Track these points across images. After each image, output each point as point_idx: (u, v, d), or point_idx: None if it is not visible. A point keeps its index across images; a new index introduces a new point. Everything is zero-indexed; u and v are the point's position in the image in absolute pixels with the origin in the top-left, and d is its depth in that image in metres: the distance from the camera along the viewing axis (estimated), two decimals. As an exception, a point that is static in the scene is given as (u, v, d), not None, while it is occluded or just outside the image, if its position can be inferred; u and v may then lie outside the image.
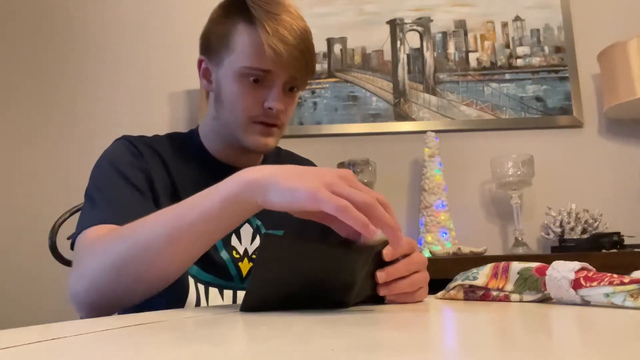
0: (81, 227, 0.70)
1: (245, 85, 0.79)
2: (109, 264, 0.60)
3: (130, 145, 0.82)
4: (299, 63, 0.78)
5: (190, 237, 0.58)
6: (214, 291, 0.81)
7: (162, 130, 0.94)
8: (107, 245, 0.63)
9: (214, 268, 0.81)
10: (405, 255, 0.62)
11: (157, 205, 0.78)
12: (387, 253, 0.59)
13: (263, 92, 0.80)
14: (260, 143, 0.82)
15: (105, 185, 0.76)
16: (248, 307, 0.53)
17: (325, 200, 0.49)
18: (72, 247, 0.72)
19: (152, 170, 0.80)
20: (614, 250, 1.45)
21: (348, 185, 0.52)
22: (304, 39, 0.79)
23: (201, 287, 0.80)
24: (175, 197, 0.81)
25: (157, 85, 1.91)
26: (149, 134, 0.91)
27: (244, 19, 0.78)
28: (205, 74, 0.86)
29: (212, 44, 0.83)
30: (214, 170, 0.88)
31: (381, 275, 0.59)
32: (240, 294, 0.83)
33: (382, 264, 0.59)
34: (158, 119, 1.89)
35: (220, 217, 0.57)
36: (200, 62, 0.87)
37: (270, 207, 0.54)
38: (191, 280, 0.79)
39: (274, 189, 0.53)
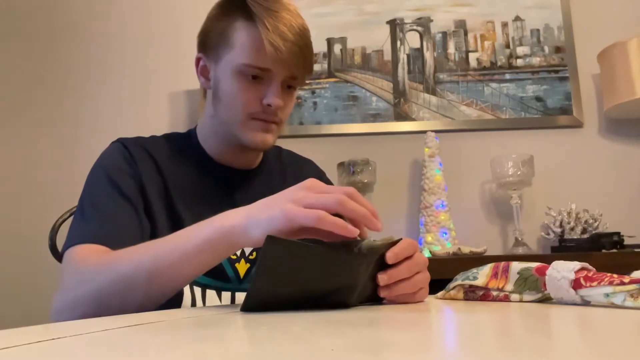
0: (70, 241, 0.71)
1: (244, 82, 0.79)
2: (91, 295, 0.62)
3: (124, 150, 0.81)
4: (298, 60, 0.78)
5: (169, 276, 0.60)
6: (211, 293, 0.80)
7: (162, 130, 0.94)
8: (90, 275, 0.64)
9: (211, 270, 0.80)
10: (407, 257, 0.61)
11: (149, 210, 0.78)
12: (390, 256, 0.59)
13: (262, 89, 0.79)
14: (259, 140, 0.81)
15: (97, 196, 0.76)
16: (249, 307, 0.53)
17: (300, 216, 0.52)
18: (60, 258, 0.73)
19: (144, 176, 0.80)
20: (614, 250, 1.45)
21: (315, 193, 0.55)
22: (303, 36, 0.79)
23: (197, 290, 0.79)
24: (168, 200, 0.81)
25: (157, 85, 1.91)
26: (149, 134, 0.90)
27: (243, 16, 0.78)
28: (203, 72, 0.86)
29: (210, 41, 0.83)
30: (210, 171, 0.87)
31: (383, 278, 0.59)
32: (239, 296, 0.82)
33: (383, 265, 0.59)
34: (158, 119, 1.89)
35: (197, 261, 0.60)
36: (198, 60, 0.86)
37: (255, 244, 0.56)
38: (187, 287, 0.78)
39: (253, 225, 0.56)
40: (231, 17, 0.80)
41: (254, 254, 0.84)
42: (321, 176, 1.02)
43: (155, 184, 0.81)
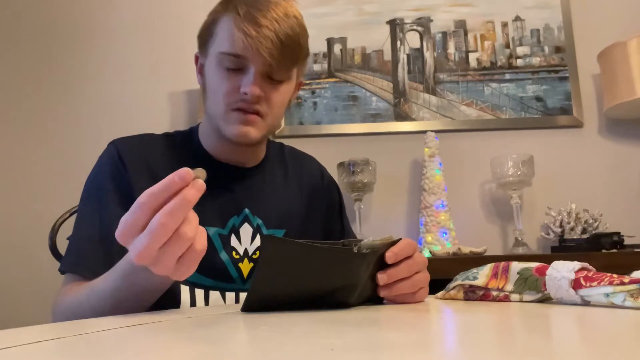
0: (61, 265, 0.77)
1: (224, 72, 0.79)
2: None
3: (116, 154, 0.81)
4: (274, 47, 0.75)
5: (105, 310, 0.62)
6: (215, 295, 0.80)
7: (162, 131, 0.94)
8: (61, 307, 0.71)
9: (213, 271, 0.79)
10: (406, 257, 0.61)
11: None
12: (389, 256, 0.58)
13: (240, 78, 0.78)
14: (239, 132, 0.79)
15: (84, 218, 0.79)
16: (250, 307, 0.53)
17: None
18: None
19: (134, 179, 0.79)
20: (614, 250, 1.45)
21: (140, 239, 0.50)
22: (282, 23, 0.76)
23: (199, 293, 0.78)
24: None
25: (157, 85, 1.91)
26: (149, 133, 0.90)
27: (225, 9, 0.79)
28: (200, 69, 0.86)
29: (203, 38, 0.84)
30: (210, 167, 0.86)
31: (382, 277, 0.59)
32: (243, 296, 0.81)
33: (383, 264, 0.59)
34: (158, 119, 1.89)
35: (117, 297, 0.62)
36: (196, 58, 0.87)
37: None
38: (185, 289, 0.78)
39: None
40: (219, 11, 0.81)
41: (257, 253, 0.84)
42: (322, 172, 1.02)
43: (147, 186, 0.80)
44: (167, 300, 0.71)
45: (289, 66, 0.81)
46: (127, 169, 0.80)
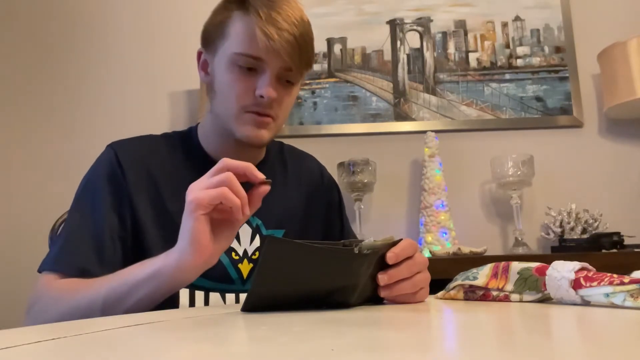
0: (43, 265, 0.75)
1: (238, 73, 0.78)
2: (55, 322, 0.65)
3: (114, 158, 0.80)
4: (293, 50, 0.76)
5: (120, 307, 0.63)
6: (215, 296, 0.79)
7: (162, 131, 0.94)
8: (52, 304, 0.68)
9: (213, 272, 0.77)
10: (407, 257, 0.61)
11: (136, 218, 0.78)
12: (390, 256, 0.58)
13: (255, 80, 0.78)
14: (253, 134, 0.80)
15: (76, 219, 0.78)
16: (250, 307, 0.53)
17: (206, 197, 0.58)
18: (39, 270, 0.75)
19: (132, 184, 0.79)
20: (614, 250, 1.45)
21: (203, 186, 0.60)
22: (300, 28, 0.77)
23: (199, 294, 0.78)
24: (159, 203, 0.80)
25: (157, 85, 1.91)
26: (149, 133, 0.90)
27: (240, 8, 0.78)
28: (203, 66, 0.86)
29: (209, 35, 0.83)
30: (208, 168, 0.86)
31: (383, 278, 0.58)
32: (243, 297, 0.81)
33: (384, 265, 0.59)
34: (158, 119, 1.89)
35: (139, 295, 0.63)
36: (199, 55, 0.86)
37: (195, 263, 0.61)
38: (185, 291, 0.77)
39: (181, 248, 0.61)
40: (229, 9, 0.80)
41: (257, 253, 0.84)
42: (322, 171, 1.02)
43: (145, 190, 0.80)
44: (166, 302, 0.71)
45: (304, 69, 0.82)
46: (124, 173, 0.79)
